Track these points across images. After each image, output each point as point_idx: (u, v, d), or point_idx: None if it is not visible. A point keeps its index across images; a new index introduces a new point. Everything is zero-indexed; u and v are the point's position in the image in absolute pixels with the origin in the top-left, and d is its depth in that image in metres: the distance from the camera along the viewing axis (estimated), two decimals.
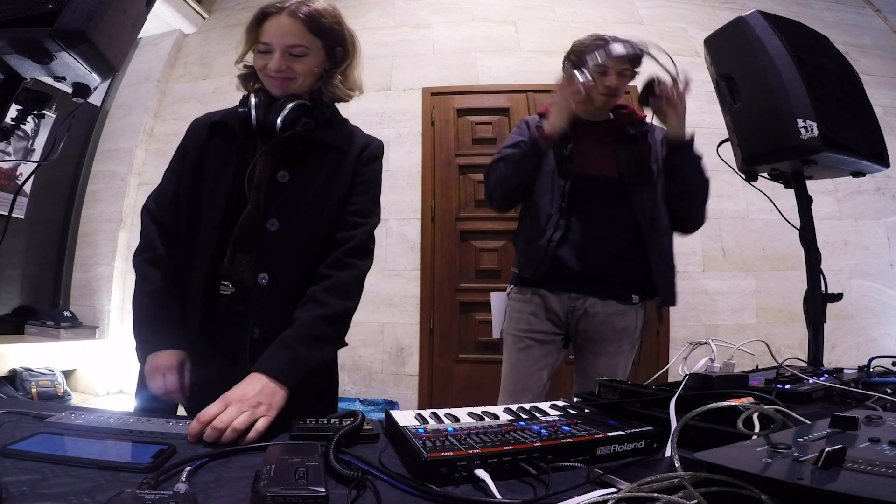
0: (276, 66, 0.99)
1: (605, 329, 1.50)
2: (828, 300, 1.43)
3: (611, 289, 1.50)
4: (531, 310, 1.53)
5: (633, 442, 0.60)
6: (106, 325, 3.36)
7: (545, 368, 1.52)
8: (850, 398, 0.85)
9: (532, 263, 1.50)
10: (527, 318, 1.52)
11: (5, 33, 0.86)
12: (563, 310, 1.51)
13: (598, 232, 1.49)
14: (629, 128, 1.58)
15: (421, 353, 2.97)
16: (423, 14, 3.55)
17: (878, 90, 2.94)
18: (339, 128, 1.10)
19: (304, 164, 1.03)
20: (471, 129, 3.21)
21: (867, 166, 1.42)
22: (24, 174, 3.35)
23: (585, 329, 1.51)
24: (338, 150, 1.06)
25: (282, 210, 1.00)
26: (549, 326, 1.52)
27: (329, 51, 1.04)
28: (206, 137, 1.06)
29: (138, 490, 0.42)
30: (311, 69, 1.02)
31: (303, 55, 1.00)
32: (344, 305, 0.96)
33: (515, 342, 1.54)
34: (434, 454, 0.51)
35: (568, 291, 1.50)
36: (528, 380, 1.50)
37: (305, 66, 1.01)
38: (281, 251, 0.99)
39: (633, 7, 3.46)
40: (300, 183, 1.02)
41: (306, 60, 1.01)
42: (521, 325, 1.53)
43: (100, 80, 0.98)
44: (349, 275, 0.98)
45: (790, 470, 0.39)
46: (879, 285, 2.92)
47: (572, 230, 1.49)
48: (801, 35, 1.44)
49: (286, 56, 0.99)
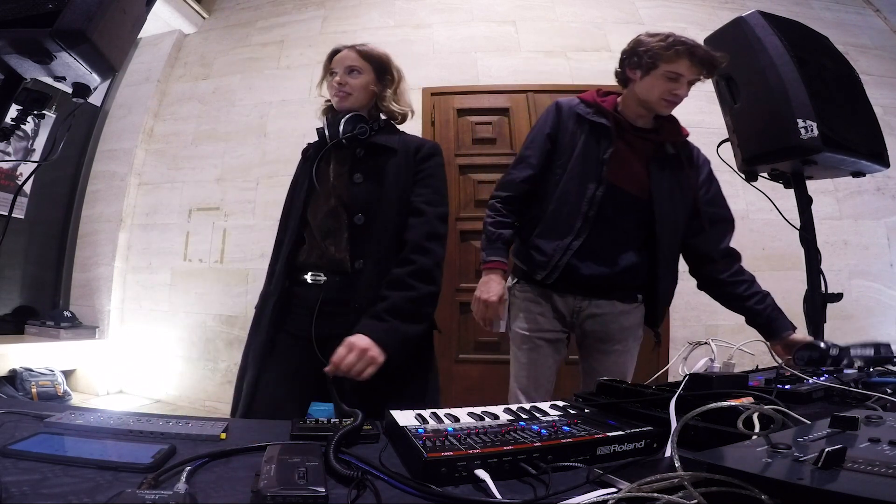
0: (338, 80, 1.28)
1: (613, 328, 1.48)
2: (828, 300, 1.43)
3: (617, 292, 1.49)
4: (540, 310, 1.50)
5: (633, 442, 0.60)
6: (106, 325, 3.36)
7: (554, 365, 1.52)
8: (850, 398, 0.85)
9: (544, 267, 1.45)
10: (535, 318, 1.51)
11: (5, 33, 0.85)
12: (569, 311, 1.50)
13: (615, 246, 1.45)
14: (669, 146, 1.47)
15: None
16: (423, 14, 3.55)
17: (878, 90, 2.95)
18: (392, 134, 1.33)
19: (372, 167, 1.25)
20: (471, 129, 3.21)
21: (867, 166, 1.42)
22: (24, 174, 3.35)
23: (593, 329, 1.50)
24: (394, 152, 1.27)
25: (364, 206, 1.21)
26: (557, 325, 1.51)
27: (379, 75, 1.32)
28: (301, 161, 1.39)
29: (138, 490, 0.42)
30: (365, 85, 1.30)
31: (357, 74, 1.29)
32: (429, 290, 1.15)
33: (525, 341, 1.52)
34: (434, 454, 0.51)
35: (574, 294, 1.49)
36: (541, 377, 1.50)
37: (359, 82, 1.29)
38: (369, 240, 1.20)
39: (633, 7, 3.46)
40: (373, 182, 1.24)
41: (360, 78, 1.29)
42: (531, 325, 1.51)
43: (100, 80, 0.98)
44: (430, 261, 1.17)
45: (790, 470, 0.39)
46: (879, 285, 2.92)
47: (592, 240, 1.43)
48: (801, 35, 1.44)
49: (346, 74, 1.29)
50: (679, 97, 1.39)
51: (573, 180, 1.45)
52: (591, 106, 1.49)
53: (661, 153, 1.46)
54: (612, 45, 3.30)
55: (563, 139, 1.50)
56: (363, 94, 1.30)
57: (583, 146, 1.45)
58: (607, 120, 1.45)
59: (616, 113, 1.47)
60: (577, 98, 1.54)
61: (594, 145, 1.45)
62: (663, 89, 1.37)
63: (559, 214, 1.46)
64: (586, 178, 1.43)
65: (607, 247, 1.44)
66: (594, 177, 1.43)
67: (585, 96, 1.52)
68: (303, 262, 1.24)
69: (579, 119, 1.49)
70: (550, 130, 1.52)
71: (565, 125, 1.50)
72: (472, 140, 3.19)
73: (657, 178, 1.44)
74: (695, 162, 1.51)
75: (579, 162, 1.45)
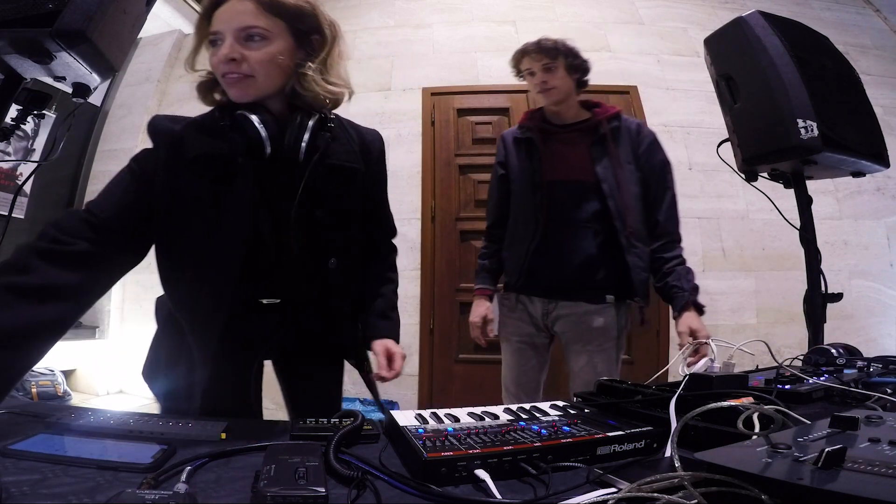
0: (224, 54, 0.80)
1: (581, 329, 1.53)
2: (828, 300, 1.43)
3: (581, 293, 1.53)
4: (517, 315, 1.62)
5: (633, 442, 0.60)
6: (106, 325, 3.36)
7: (536, 365, 1.63)
8: (850, 398, 0.85)
9: (514, 273, 1.59)
10: (515, 323, 1.63)
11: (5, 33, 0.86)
12: (540, 314, 1.59)
13: (573, 238, 1.52)
14: (601, 127, 1.57)
15: (421, 353, 2.97)
16: (423, 14, 3.55)
17: (878, 90, 2.94)
18: (349, 141, 0.98)
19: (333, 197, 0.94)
20: (471, 129, 3.21)
21: (867, 166, 1.42)
22: (24, 174, 3.35)
23: (562, 331, 1.57)
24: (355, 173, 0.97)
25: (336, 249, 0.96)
26: (534, 329, 1.61)
27: (299, 37, 0.85)
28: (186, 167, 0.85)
29: (138, 490, 0.42)
30: (273, 58, 0.82)
31: (260, 40, 0.81)
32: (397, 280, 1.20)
33: (510, 345, 1.66)
34: (434, 454, 0.51)
35: (541, 297, 1.58)
36: (525, 377, 1.63)
37: (264, 53, 0.81)
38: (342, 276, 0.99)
39: (633, 7, 3.45)
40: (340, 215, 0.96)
41: (265, 47, 0.81)
42: (512, 330, 1.64)
43: (100, 80, 0.98)
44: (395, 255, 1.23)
45: (790, 470, 0.39)
46: (879, 285, 2.91)
47: (548, 239, 1.53)
48: (801, 35, 1.44)
49: (238, 42, 0.80)
50: (543, 85, 1.55)
51: (522, 193, 1.61)
52: (521, 127, 1.68)
53: (598, 136, 1.57)
54: (612, 45, 3.30)
55: (510, 162, 1.67)
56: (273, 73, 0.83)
57: (522, 162, 1.63)
58: (532, 133, 1.62)
59: (543, 123, 1.64)
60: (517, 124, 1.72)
61: (528, 157, 1.62)
62: (531, 85, 1.59)
63: (517, 225, 1.62)
64: (530, 186, 1.59)
65: (564, 246, 1.53)
66: (535, 183, 1.57)
67: (520, 120, 1.71)
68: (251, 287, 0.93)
69: (516, 141, 1.67)
70: (500, 159, 1.71)
71: (509, 150, 1.68)
72: (472, 140, 3.19)
73: (598, 158, 1.54)
74: (630, 134, 1.58)
75: (521, 176, 1.62)
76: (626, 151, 1.55)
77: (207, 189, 0.85)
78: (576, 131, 1.59)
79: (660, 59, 3.25)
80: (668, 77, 3.17)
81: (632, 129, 1.59)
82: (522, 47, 1.57)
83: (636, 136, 1.58)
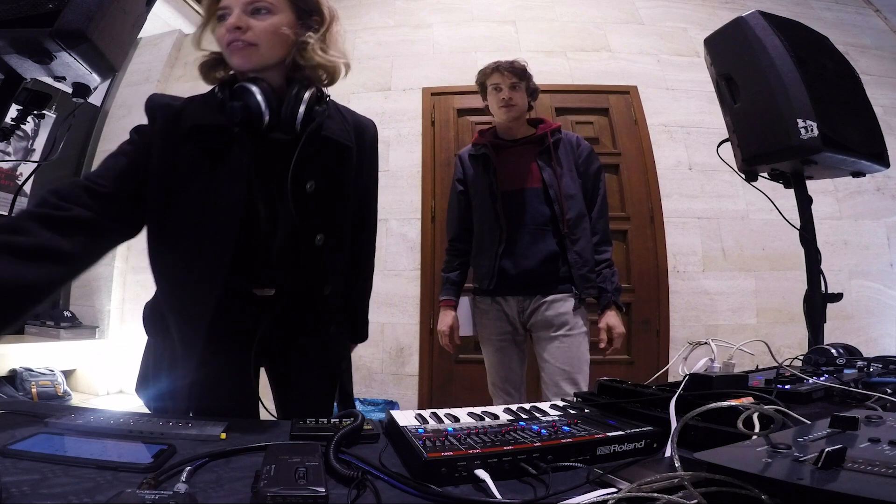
0: (232, 23, 0.84)
1: (551, 314, 1.68)
2: (828, 300, 1.43)
3: (550, 286, 1.69)
4: (494, 316, 1.77)
5: (633, 442, 0.60)
6: (106, 325, 3.36)
7: (516, 359, 1.78)
8: (850, 398, 0.85)
9: (486, 277, 1.75)
10: (493, 324, 1.77)
11: (5, 33, 0.86)
12: (516, 311, 1.74)
13: (532, 239, 1.70)
14: (546, 139, 1.76)
15: (421, 353, 2.97)
16: (423, 14, 3.55)
17: (878, 90, 2.94)
18: (342, 121, 1.00)
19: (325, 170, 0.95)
20: (471, 129, 3.20)
21: (867, 166, 1.42)
22: (24, 174, 3.35)
23: (537, 320, 1.71)
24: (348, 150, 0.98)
25: (323, 225, 0.96)
26: (510, 328, 1.76)
27: (300, 15, 0.91)
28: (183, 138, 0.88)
29: (138, 490, 0.42)
30: (277, 29, 0.87)
31: (266, 13, 0.86)
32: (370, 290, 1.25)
33: (491, 344, 1.80)
34: (434, 454, 0.51)
35: (516, 295, 1.72)
36: (510, 372, 1.77)
37: (269, 24, 0.86)
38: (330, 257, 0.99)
39: (633, 7, 3.45)
40: (330, 190, 0.96)
41: (269, 19, 0.86)
42: (490, 330, 1.78)
43: (100, 80, 0.98)
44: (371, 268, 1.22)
45: (790, 470, 0.39)
46: (879, 285, 2.91)
47: (512, 242, 1.71)
48: (801, 35, 1.44)
49: (245, 13, 0.85)
50: (508, 101, 1.72)
51: (483, 203, 1.77)
52: (476, 145, 1.84)
53: (543, 148, 1.76)
54: (612, 46, 3.30)
55: (468, 178, 1.85)
56: (275, 43, 0.88)
57: (479, 176, 1.80)
58: (486, 149, 1.78)
59: (495, 139, 1.81)
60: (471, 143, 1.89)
61: (484, 171, 1.79)
62: (495, 100, 1.75)
63: (482, 233, 1.78)
64: (488, 197, 1.75)
65: (526, 244, 1.70)
66: (493, 193, 1.74)
67: (473, 139, 1.88)
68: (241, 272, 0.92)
69: (473, 158, 1.84)
70: (458, 176, 1.88)
71: (466, 167, 1.85)
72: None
73: (544, 167, 1.74)
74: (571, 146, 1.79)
75: (480, 189, 1.79)
76: (568, 160, 1.76)
77: (203, 160, 0.87)
78: (524, 144, 1.78)
79: (660, 59, 3.25)
80: (668, 77, 3.17)
81: (572, 141, 1.80)
82: (495, 64, 1.74)
83: (576, 148, 1.79)
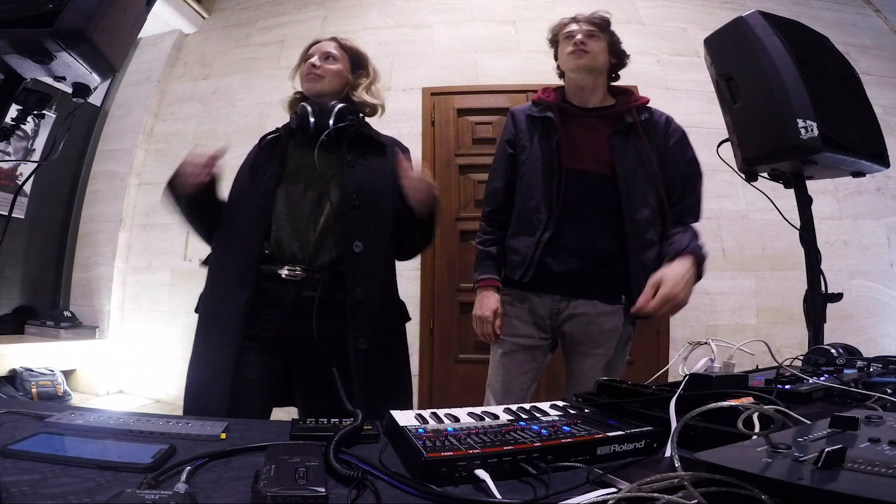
0: (312, 61, 1.29)
1: (592, 330, 1.42)
2: (828, 300, 1.43)
3: (596, 290, 1.41)
4: (516, 313, 1.47)
5: (633, 442, 0.60)
6: (106, 325, 3.36)
7: (529, 373, 1.47)
8: (850, 398, 0.85)
9: (519, 267, 1.44)
10: (512, 322, 1.47)
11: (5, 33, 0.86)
12: (548, 313, 1.45)
13: (586, 235, 1.41)
14: (627, 116, 1.45)
15: (421, 353, 2.97)
16: (423, 14, 3.55)
17: (878, 90, 2.95)
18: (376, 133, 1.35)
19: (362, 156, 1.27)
20: (471, 129, 3.21)
21: (867, 166, 1.42)
22: (24, 174, 3.35)
23: (572, 331, 1.44)
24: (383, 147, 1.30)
25: (360, 189, 1.21)
26: (535, 331, 1.46)
27: (354, 67, 1.35)
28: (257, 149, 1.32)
29: (138, 490, 0.42)
30: (339, 72, 1.32)
31: (333, 60, 1.32)
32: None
33: (500, 345, 1.49)
34: (434, 454, 0.51)
35: (552, 294, 1.44)
36: (512, 383, 1.46)
37: (334, 67, 1.31)
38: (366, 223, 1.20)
39: (633, 7, 3.46)
40: (366, 169, 1.25)
41: (335, 65, 1.32)
42: (507, 329, 1.47)
43: (100, 80, 0.98)
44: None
45: (790, 470, 0.39)
46: (879, 285, 2.92)
47: (561, 233, 1.41)
48: (801, 35, 1.44)
49: (321, 59, 1.31)
50: (581, 45, 1.44)
51: (533, 175, 1.47)
52: (538, 104, 1.54)
53: (621, 126, 1.45)
54: None
55: (521, 142, 1.53)
56: (336, 80, 1.31)
57: (537, 142, 1.48)
58: (551, 111, 1.48)
59: (563, 102, 1.51)
60: (530, 100, 1.59)
61: (546, 138, 1.47)
62: (565, 49, 1.48)
63: (525, 211, 1.46)
64: (545, 171, 1.45)
65: (579, 238, 1.41)
66: (552, 168, 1.44)
67: (534, 96, 1.58)
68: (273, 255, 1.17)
69: (531, 119, 1.53)
70: (508, 136, 1.56)
71: (521, 128, 1.54)
72: (472, 140, 3.19)
73: (620, 151, 1.43)
74: (659, 128, 1.48)
75: (535, 157, 1.47)
76: (652, 147, 1.43)
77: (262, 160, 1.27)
78: (598, 117, 1.47)
79: (660, 59, 3.25)
80: (668, 77, 3.17)
81: (659, 122, 1.48)
82: (574, 15, 1.50)
83: (665, 130, 1.47)
